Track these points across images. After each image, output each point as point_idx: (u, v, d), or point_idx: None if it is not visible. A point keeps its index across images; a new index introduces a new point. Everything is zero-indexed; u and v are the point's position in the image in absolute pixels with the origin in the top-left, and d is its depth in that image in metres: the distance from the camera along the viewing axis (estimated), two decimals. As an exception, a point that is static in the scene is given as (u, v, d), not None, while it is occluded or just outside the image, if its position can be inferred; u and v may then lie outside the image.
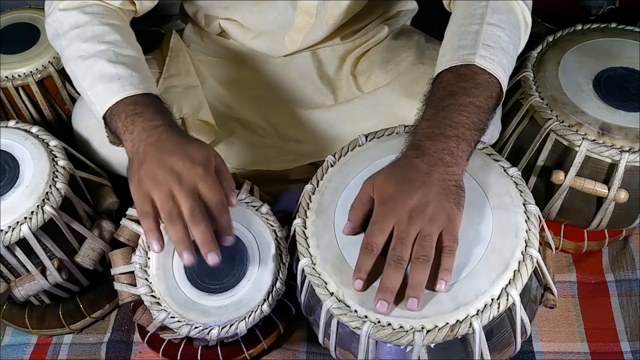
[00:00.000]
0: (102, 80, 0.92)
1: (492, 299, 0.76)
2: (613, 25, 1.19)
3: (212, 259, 0.79)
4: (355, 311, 0.78)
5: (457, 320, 0.75)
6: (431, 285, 0.76)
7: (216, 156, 0.86)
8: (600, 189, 1.05)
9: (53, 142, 1.07)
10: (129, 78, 0.91)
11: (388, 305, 0.75)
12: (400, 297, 0.76)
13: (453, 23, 0.95)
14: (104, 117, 0.91)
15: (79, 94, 1.11)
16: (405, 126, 0.95)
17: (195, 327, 0.90)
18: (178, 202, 0.80)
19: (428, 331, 0.75)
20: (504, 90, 0.89)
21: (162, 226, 0.83)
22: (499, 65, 0.87)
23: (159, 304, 0.91)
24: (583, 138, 1.03)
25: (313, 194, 0.89)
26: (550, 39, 1.18)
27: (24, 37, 1.31)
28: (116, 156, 1.11)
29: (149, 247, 0.93)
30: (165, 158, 0.82)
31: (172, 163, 0.81)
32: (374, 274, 0.77)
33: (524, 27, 0.96)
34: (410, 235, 0.75)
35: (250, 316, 0.91)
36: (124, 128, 0.88)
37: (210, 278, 0.92)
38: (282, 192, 1.18)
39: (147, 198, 0.81)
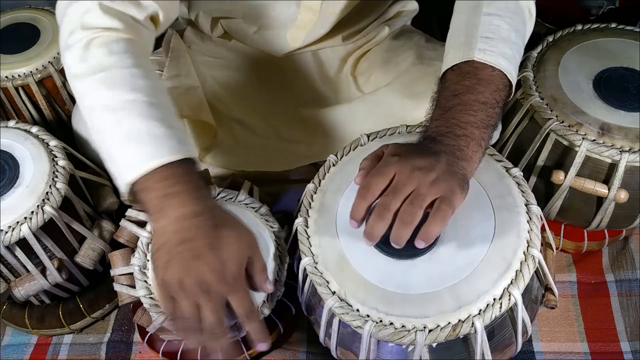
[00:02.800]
0: (131, 140, 0.79)
1: (494, 299, 0.76)
2: (613, 25, 1.19)
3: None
4: (357, 310, 0.78)
5: (459, 320, 0.75)
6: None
7: (250, 248, 0.80)
8: (600, 189, 1.05)
9: (53, 142, 1.07)
10: (165, 139, 0.79)
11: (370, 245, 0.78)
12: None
13: (453, 19, 0.94)
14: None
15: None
16: (407, 126, 0.95)
17: (195, 328, 0.90)
18: (202, 313, 0.75)
19: (430, 330, 0.75)
20: (513, 79, 0.87)
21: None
22: (501, 56, 0.86)
23: (158, 306, 0.91)
24: (583, 138, 1.03)
25: (315, 193, 0.89)
26: (550, 39, 1.18)
27: (24, 37, 1.31)
28: None
29: (148, 246, 0.93)
30: (195, 265, 0.75)
31: (201, 272, 0.75)
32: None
33: (527, 12, 0.94)
34: (406, 187, 0.75)
35: (250, 316, 0.91)
36: (157, 208, 0.78)
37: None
38: (282, 192, 1.18)
39: (172, 301, 0.77)
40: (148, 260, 0.93)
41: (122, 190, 0.81)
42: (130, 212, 0.97)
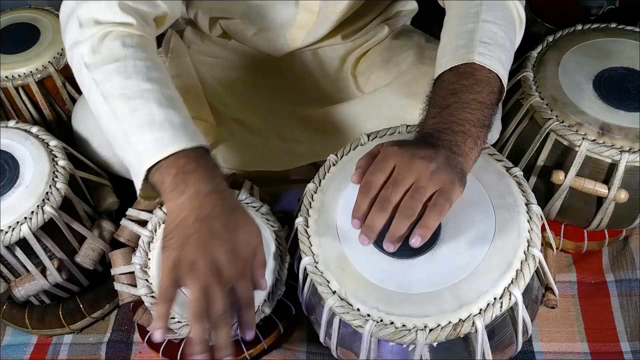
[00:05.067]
0: (150, 126, 0.81)
1: (494, 298, 0.76)
2: (613, 25, 1.19)
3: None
4: (358, 310, 0.78)
5: (460, 319, 0.75)
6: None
7: (258, 237, 0.82)
8: (600, 189, 1.05)
9: (53, 142, 1.07)
10: (182, 128, 0.82)
11: (369, 241, 0.76)
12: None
13: (449, 25, 0.95)
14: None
15: (78, 97, 1.02)
16: (408, 126, 0.95)
17: (196, 328, 0.90)
18: (210, 297, 0.75)
19: (431, 330, 0.75)
20: (505, 85, 0.89)
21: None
22: (498, 61, 0.87)
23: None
24: (583, 138, 1.03)
25: (315, 192, 0.89)
26: (550, 39, 1.19)
27: (24, 37, 1.31)
28: (116, 157, 1.11)
29: (149, 245, 0.93)
30: (211, 245, 0.76)
31: (216, 253, 0.76)
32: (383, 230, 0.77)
33: (519, 22, 0.96)
34: (407, 180, 0.74)
35: (250, 316, 0.91)
36: (173, 186, 0.79)
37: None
38: (282, 192, 1.18)
39: (177, 284, 0.76)
40: (149, 259, 0.93)
41: (138, 178, 0.82)
42: (130, 212, 0.97)
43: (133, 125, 0.82)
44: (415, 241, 0.74)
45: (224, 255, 0.76)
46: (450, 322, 0.75)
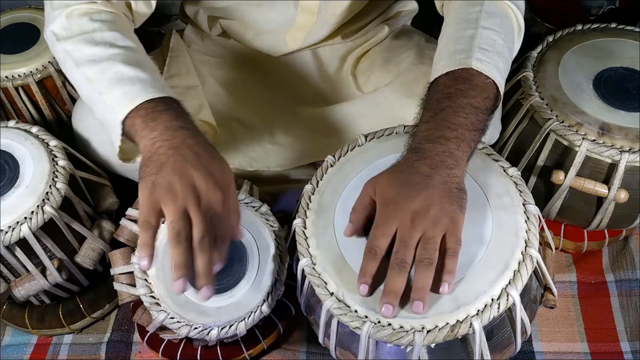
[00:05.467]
0: (120, 82, 0.85)
1: (492, 299, 0.76)
2: (613, 25, 1.19)
3: (206, 292, 0.77)
4: (356, 311, 0.78)
5: (458, 321, 0.75)
6: (435, 287, 0.75)
7: (232, 175, 0.83)
8: (600, 189, 1.05)
9: (53, 142, 1.07)
10: (150, 81, 0.85)
11: (393, 308, 0.74)
12: (404, 299, 0.75)
13: (447, 29, 0.95)
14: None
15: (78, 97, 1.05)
16: (405, 126, 0.95)
17: (195, 328, 0.90)
18: (190, 222, 0.76)
19: (428, 331, 0.75)
20: (501, 92, 0.89)
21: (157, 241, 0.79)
22: (495, 68, 0.87)
23: (158, 304, 0.91)
24: (583, 138, 1.03)
25: (313, 194, 0.89)
26: (550, 39, 1.18)
27: (24, 37, 1.31)
28: (116, 157, 1.11)
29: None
30: (188, 169, 0.77)
31: (195, 178, 0.77)
32: (378, 277, 0.77)
33: (518, 30, 0.96)
34: (414, 238, 0.75)
35: (249, 317, 0.91)
36: (144, 125, 0.82)
37: (210, 278, 0.91)
38: (281, 192, 1.18)
39: (156, 208, 0.76)
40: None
41: (115, 133, 0.86)
42: (130, 211, 0.97)
43: (104, 83, 0.86)
44: (444, 288, 0.75)
45: (202, 180, 0.77)
46: (447, 324, 0.75)
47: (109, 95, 0.86)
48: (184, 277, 0.75)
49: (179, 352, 1.05)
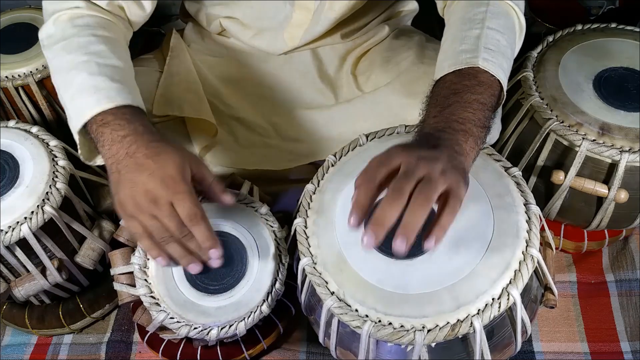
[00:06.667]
0: (81, 93, 0.89)
1: (492, 299, 0.76)
2: (613, 25, 1.19)
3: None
4: (356, 310, 0.78)
5: (458, 320, 0.75)
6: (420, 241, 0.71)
7: (192, 161, 0.83)
8: (600, 189, 1.05)
9: (53, 142, 1.07)
10: (106, 91, 0.88)
11: (376, 239, 0.68)
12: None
13: (452, 29, 0.95)
14: (80, 132, 0.90)
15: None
16: (406, 126, 0.95)
17: (195, 328, 0.90)
18: (159, 222, 0.80)
19: (429, 330, 0.75)
20: (504, 92, 0.89)
21: None
22: (500, 68, 0.88)
23: (158, 304, 0.91)
24: (583, 138, 1.03)
25: (314, 193, 0.89)
26: (550, 39, 1.18)
27: (24, 37, 1.31)
28: None
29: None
30: (137, 178, 0.80)
31: (145, 183, 0.80)
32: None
33: (519, 31, 0.97)
34: (418, 171, 0.70)
35: (249, 317, 0.91)
36: (96, 141, 0.87)
37: (210, 279, 0.91)
38: (281, 192, 1.18)
39: (135, 221, 0.82)
40: (148, 259, 0.93)
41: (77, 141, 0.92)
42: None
43: (69, 94, 0.90)
44: (430, 243, 0.70)
45: (151, 180, 0.80)
46: (448, 323, 0.75)
47: (70, 105, 0.90)
48: (191, 262, 0.84)
49: (179, 352, 1.05)
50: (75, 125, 0.89)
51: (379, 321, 0.76)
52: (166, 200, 0.79)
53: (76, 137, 0.91)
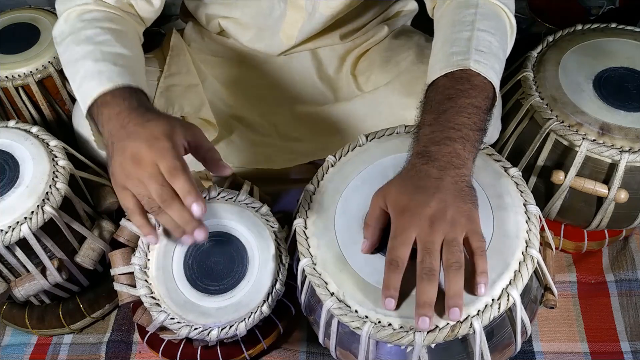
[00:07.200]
0: (85, 79, 0.91)
1: (492, 299, 0.76)
2: (613, 25, 1.19)
3: (198, 235, 0.80)
4: (356, 311, 0.78)
5: (458, 321, 0.75)
6: (469, 289, 0.74)
7: (186, 128, 0.83)
8: (600, 189, 1.05)
9: (53, 142, 1.07)
10: (107, 73, 0.90)
11: (430, 320, 0.72)
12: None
13: (442, 31, 0.95)
14: (89, 119, 0.91)
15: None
16: (406, 126, 0.95)
17: (195, 328, 0.90)
18: (148, 194, 0.79)
19: (429, 331, 0.74)
20: (497, 94, 0.89)
21: None
22: (492, 69, 0.87)
23: (158, 305, 0.91)
24: (583, 138, 1.03)
25: (313, 194, 0.89)
26: (550, 39, 1.18)
27: (24, 37, 1.31)
28: None
29: (148, 246, 0.93)
30: (127, 145, 0.80)
31: (133, 148, 0.79)
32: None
33: (510, 32, 0.97)
34: (436, 243, 0.73)
35: (249, 317, 0.91)
36: (98, 123, 0.88)
37: (210, 279, 0.91)
38: (282, 192, 1.18)
39: (127, 193, 0.81)
40: (148, 260, 0.93)
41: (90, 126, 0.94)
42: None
43: (77, 82, 0.93)
44: (482, 290, 0.74)
45: (139, 144, 0.79)
46: (448, 324, 0.74)
47: (78, 93, 0.93)
48: (184, 232, 0.80)
49: (179, 352, 1.05)
50: (83, 111, 0.91)
51: (379, 322, 0.76)
52: (150, 159, 0.78)
53: (89, 124, 0.93)
